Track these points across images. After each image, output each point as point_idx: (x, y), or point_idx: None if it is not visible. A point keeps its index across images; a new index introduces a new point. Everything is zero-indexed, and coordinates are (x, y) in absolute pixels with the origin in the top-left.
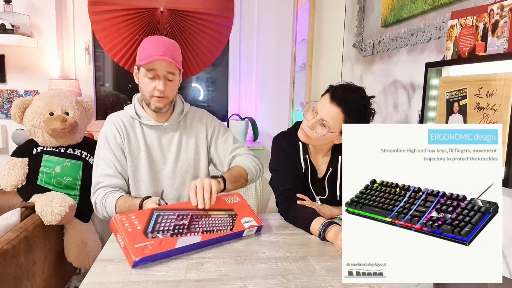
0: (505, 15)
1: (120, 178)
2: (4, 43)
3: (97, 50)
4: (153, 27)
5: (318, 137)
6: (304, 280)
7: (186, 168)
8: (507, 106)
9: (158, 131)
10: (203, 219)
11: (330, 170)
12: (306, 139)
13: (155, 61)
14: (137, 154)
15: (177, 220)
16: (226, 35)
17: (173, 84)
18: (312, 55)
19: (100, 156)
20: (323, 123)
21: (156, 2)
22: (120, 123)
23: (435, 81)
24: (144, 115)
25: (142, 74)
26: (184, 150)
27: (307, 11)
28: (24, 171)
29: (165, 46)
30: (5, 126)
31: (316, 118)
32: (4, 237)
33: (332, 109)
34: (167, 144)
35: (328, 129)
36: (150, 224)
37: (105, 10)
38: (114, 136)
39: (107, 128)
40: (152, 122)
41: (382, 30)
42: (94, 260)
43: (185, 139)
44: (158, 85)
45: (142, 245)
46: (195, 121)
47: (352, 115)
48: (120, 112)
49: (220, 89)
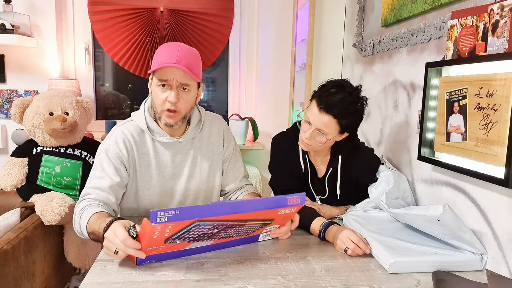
0: (505, 15)
1: (111, 195)
2: (4, 43)
3: (97, 50)
4: (153, 27)
5: (317, 144)
6: (304, 280)
7: (199, 185)
8: (507, 106)
9: (172, 148)
10: (234, 228)
11: (331, 170)
12: (307, 148)
13: (166, 69)
14: (147, 171)
15: (209, 230)
16: (226, 35)
17: (188, 97)
18: (312, 55)
19: (97, 169)
20: (318, 132)
21: (156, 2)
22: (130, 139)
23: (435, 81)
24: (158, 130)
25: (155, 83)
26: (198, 166)
27: (307, 11)
28: (24, 171)
29: (180, 53)
30: (5, 126)
31: (311, 129)
32: (4, 237)
33: (323, 118)
34: (181, 160)
35: (326, 136)
36: (179, 233)
37: (105, 10)
38: (120, 152)
39: (111, 142)
40: (167, 139)
41: (382, 30)
42: (94, 260)
43: (200, 155)
44: (169, 96)
45: (154, 248)
46: (213, 135)
47: (343, 117)
48: (128, 124)
49: (220, 89)
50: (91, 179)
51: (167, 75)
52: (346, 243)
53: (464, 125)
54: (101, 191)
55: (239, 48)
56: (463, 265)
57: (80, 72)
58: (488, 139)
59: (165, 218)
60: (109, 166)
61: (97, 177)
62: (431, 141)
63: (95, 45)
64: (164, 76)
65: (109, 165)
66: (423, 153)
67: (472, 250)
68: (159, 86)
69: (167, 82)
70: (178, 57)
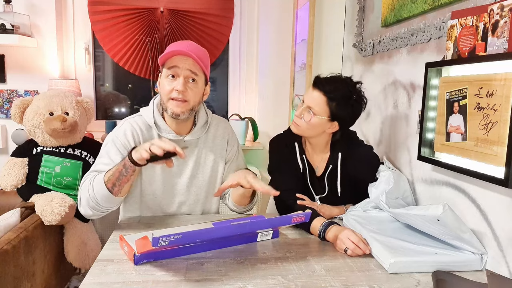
0: (505, 15)
1: None
2: (4, 43)
3: (97, 50)
4: (153, 27)
5: (306, 124)
6: (304, 280)
7: (201, 184)
8: (507, 106)
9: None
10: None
11: (331, 167)
12: (297, 129)
13: (176, 57)
14: (152, 166)
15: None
16: (226, 35)
17: (196, 87)
18: (312, 55)
19: (104, 157)
20: (308, 110)
21: (156, 2)
22: (139, 132)
23: (435, 81)
24: (164, 126)
25: (164, 76)
26: (202, 166)
27: (307, 11)
28: (24, 171)
29: (190, 45)
30: (5, 126)
31: (303, 107)
32: (4, 237)
33: (315, 93)
34: (185, 158)
35: (313, 113)
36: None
37: (105, 10)
38: (127, 143)
39: (120, 133)
40: (173, 136)
41: (382, 30)
42: (94, 260)
43: (204, 155)
44: (177, 84)
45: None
46: (218, 137)
47: (335, 99)
48: (137, 118)
49: (220, 89)
50: (97, 164)
51: (176, 61)
52: (346, 243)
53: (464, 125)
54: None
55: (239, 48)
56: (463, 265)
57: (80, 72)
58: (488, 139)
59: (166, 242)
60: (116, 155)
61: (103, 163)
62: (431, 141)
63: (95, 45)
64: (173, 63)
65: (117, 154)
66: (423, 153)
67: (472, 250)
68: (168, 77)
69: (176, 70)
70: (189, 48)
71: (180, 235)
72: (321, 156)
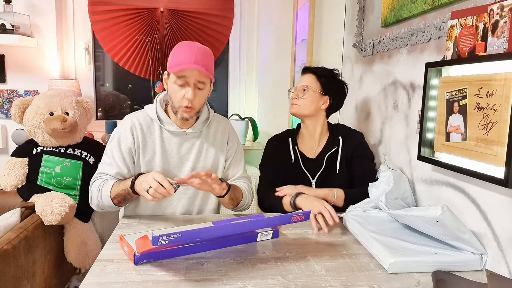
0: (505, 15)
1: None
2: (4, 43)
3: (97, 50)
4: (153, 27)
5: (304, 101)
6: (304, 280)
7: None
8: (507, 106)
9: (179, 137)
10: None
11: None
12: (296, 109)
13: (186, 70)
14: (152, 159)
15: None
16: (226, 35)
17: (202, 93)
18: (312, 55)
19: (108, 155)
20: (303, 89)
21: (156, 2)
22: (137, 127)
23: (435, 81)
24: (167, 120)
25: (172, 80)
26: (202, 159)
27: (307, 11)
28: (24, 171)
29: (197, 54)
30: (5, 126)
31: (297, 90)
32: (4, 237)
33: (305, 76)
34: (187, 151)
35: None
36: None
37: (105, 10)
38: (127, 141)
39: (122, 130)
40: (175, 128)
41: (382, 30)
42: (94, 260)
43: (205, 148)
44: (187, 93)
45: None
46: (219, 133)
47: (323, 75)
48: (139, 113)
49: (220, 89)
50: (102, 163)
51: (185, 73)
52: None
53: (464, 125)
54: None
55: (239, 48)
56: (463, 265)
57: (80, 72)
58: (488, 139)
59: (166, 241)
60: (118, 155)
61: (107, 163)
62: (431, 141)
63: (95, 45)
64: (182, 73)
65: (118, 153)
66: (423, 153)
67: (472, 251)
68: (176, 83)
69: (185, 80)
70: (196, 58)
71: (180, 234)
72: (318, 141)
